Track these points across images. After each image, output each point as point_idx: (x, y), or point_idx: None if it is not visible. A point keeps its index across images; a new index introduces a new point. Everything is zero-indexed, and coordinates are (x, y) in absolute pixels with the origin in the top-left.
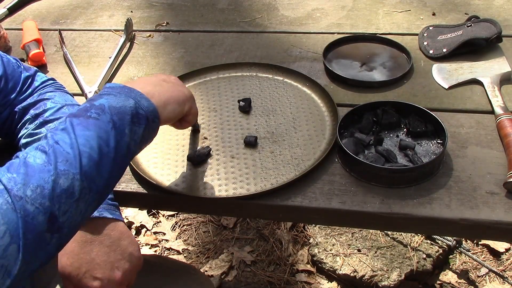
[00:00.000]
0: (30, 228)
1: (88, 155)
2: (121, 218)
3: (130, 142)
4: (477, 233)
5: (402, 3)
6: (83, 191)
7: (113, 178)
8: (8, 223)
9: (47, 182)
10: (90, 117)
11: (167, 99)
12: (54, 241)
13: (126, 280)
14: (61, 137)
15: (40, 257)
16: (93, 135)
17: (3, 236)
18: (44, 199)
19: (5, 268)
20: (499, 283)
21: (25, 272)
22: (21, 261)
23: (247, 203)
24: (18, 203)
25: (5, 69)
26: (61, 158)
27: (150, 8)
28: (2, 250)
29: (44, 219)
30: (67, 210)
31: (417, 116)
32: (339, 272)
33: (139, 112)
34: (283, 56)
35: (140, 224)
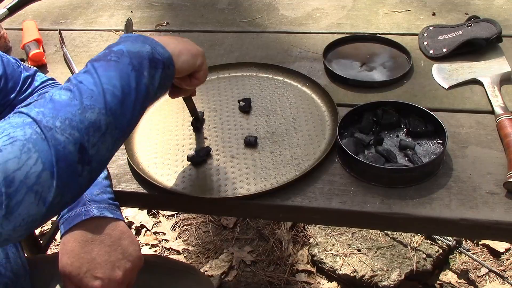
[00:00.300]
0: (62, 156)
1: (112, 93)
2: (121, 218)
3: (149, 85)
4: (477, 233)
5: (402, 3)
6: (109, 126)
7: (134, 117)
8: (39, 151)
9: (74, 115)
10: (110, 60)
11: (180, 49)
12: (85, 173)
13: (127, 280)
14: (84, 78)
15: (72, 188)
16: (115, 75)
17: (35, 163)
18: (73, 130)
19: (40, 194)
20: (499, 283)
21: (59, 204)
22: (55, 189)
23: (247, 203)
24: (48, 133)
25: (5, 69)
26: (86, 95)
27: (150, 8)
28: (36, 176)
29: (74, 149)
30: (95, 143)
31: (417, 116)
32: (339, 272)
33: (156, 56)
34: (283, 56)
35: (140, 224)
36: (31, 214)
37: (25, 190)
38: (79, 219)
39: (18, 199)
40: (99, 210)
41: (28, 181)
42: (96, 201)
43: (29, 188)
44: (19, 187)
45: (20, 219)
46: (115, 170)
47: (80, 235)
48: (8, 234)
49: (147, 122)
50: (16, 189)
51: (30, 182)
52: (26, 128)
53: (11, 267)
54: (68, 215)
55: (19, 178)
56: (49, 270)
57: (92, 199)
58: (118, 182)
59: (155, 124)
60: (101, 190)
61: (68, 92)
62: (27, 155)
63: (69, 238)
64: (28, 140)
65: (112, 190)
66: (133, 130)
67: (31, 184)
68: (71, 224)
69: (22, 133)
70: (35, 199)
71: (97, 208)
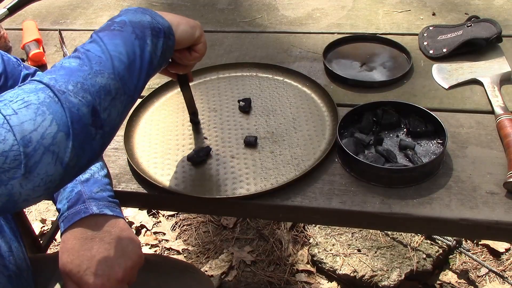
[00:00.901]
0: (76, 118)
1: (119, 59)
2: (121, 215)
3: (152, 53)
4: (477, 233)
5: (402, 3)
6: (118, 91)
7: (140, 84)
8: (53, 113)
9: (86, 79)
10: (114, 29)
11: (178, 20)
12: (98, 137)
13: (127, 278)
14: (91, 46)
15: (87, 151)
16: (120, 43)
17: (50, 124)
18: (86, 93)
19: (57, 154)
20: (499, 283)
21: (76, 167)
22: (71, 150)
23: (247, 203)
24: (62, 96)
25: (5, 67)
26: (94, 61)
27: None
28: (51, 137)
29: (88, 112)
30: (106, 107)
31: (417, 116)
32: (339, 272)
33: (157, 26)
34: (283, 56)
35: (140, 224)
36: (49, 174)
37: (42, 150)
38: (79, 217)
39: (36, 159)
40: (99, 207)
41: (44, 141)
42: (96, 198)
43: (46, 148)
44: (36, 147)
45: (39, 179)
46: (115, 170)
47: (80, 232)
48: (27, 194)
49: (147, 122)
50: (34, 149)
51: (47, 142)
52: (39, 93)
53: (15, 261)
54: (68, 212)
55: (36, 139)
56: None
57: (91, 197)
58: (118, 182)
59: (155, 124)
60: (100, 187)
61: (77, 59)
62: (42, 117)
63: (69, 236)
64: (42, 104)
65: (112, 188)
66: (138, 97)
67: (48, 144)
68: (71, 221)
69: (36, 97)
70: (53, 159)
71: (96, 205)
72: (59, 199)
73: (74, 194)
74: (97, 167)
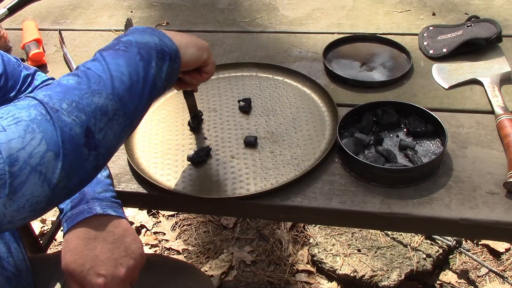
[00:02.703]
0: (68, 138)
1: (120, 79)
2: (124, 216)
3: (156, 76)
4: (477, 233)
5: (402, 3)
6: (116, 112)
7: (141, 107)
8: (44, 132)
9: (82, 98)
10: (119, 49)
11: (187, 42)
12: (91, 158)
13: (130, 277)
14: (92, 65)
15: (79, 172)
16: (123, 63)
17: (39, 143)
18: (80, 113)
19: (44, 175)
20: (499, 283)
21: (65, 188)
22: (60, 171)
23: (247, 203)
24: (54, 115)
25: (5, 67)
26: (93, 80)
27: (150, 8)
28: (40, 156)
29: (81, 132)
30: (102, 128)
31: (417, 116)
32: (339, 272)
33: (163, 48)
34: (283, 56)
35: (140, 224)
36: (35, 195)
37: (28, 170)
38: (82, 217)
39: (22, 179)
40: (102, 207)
41: (32, 161)
42: (99, 199)
43: (33, 168)
44: (23, 167)
45: (24, 200)
46: (115, 170)
47: (83, 232)
48: (11, 215)
49: (147, 122)
50: (20, 168)
51: (34, 162)
52: (31, 109)
53: (14, 262)
54: (71, 212)
55: (23, 157)
56: (49, 269)
57: (94, 197)
58: (118, 182)
59: (155, 124)
60: (103, 188)
61: (75, 77)
62: (31, 135)
63: (72, 236)
64: (33, 121)
65: (114, 189)
66: (140, 122)
67: (35, 164)
68: (74, 221)
69: (27, 114)
70: (39, 180)
71: (99, 205)
72: None
73: (77, 194)
74: None
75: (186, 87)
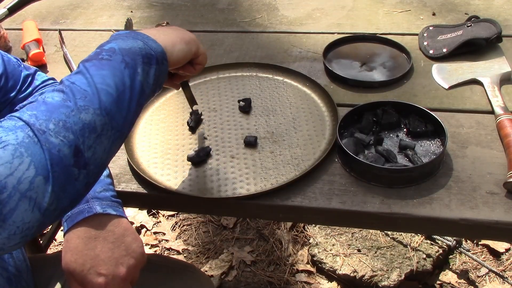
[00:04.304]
0: (56, 160)
1: (106, 92)
2: (124, 215)
3: (144, 82)
4: (477, 233)
5: (402, 3)
6: (104, 127)
7: (130, 116)
8: (32, 155)
9: (68, 117)
10: (102, 59)
11: (173, 39)
12: (81, 177)
13: (130, 276)
14: (77, 78)
15: (69, 193)
16: (108, 74)
17: (28, 168)
18: (68, 132)
19: (34, 201)
20: (499, 283)
21: (56, 210)
22: (50, 194)
23: (247, 203)
24: (42, 136)
25: (5, 67)
26: (79, 95)
27: (150, 8)
28: (29, 182)
29: (69, 152)
30: (91, 145)
31: (417, 116)
32: (339, 272)
33: (149, 52)
34: (283, 56)
35: (140, 224)
36: (26, 221)
37: (18, 196)
38: (82, 216)
39: (12, 206)
40: (102, 207)
41: (21, 186)
42: (99, 198)
43: (22, 194)
44: (12, 193)
45: (14, 227)
46: (115, 170)
47: (84, 232)
48: (2, 243)
49: (147, 122)
50: (8, 195)
51: (23, 188)
52: (18, 131)
53: (14, 262)
54: (71, 212)
55: (12, 184)
56: (49, 269)
57: (95, 196)
58: (118, 182)
59: (155, 124)
60: (103, 187)
61: (61, 93)
62: (20, 160)
63: (72, 235)
64: (20, 144)
65: (114, 188)
66: (130, 131)
67: (25, 190)
68: (74, 221)
69: (14, 137)
70: (30, 206)
71: (100, 205)
72: None
73: None
74: None
75: (182, 79)
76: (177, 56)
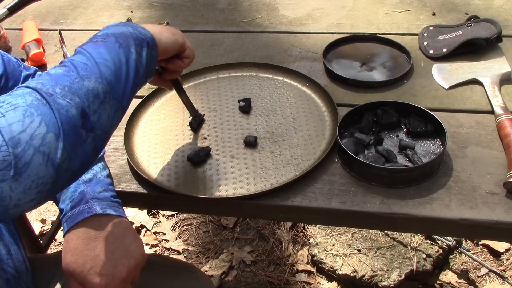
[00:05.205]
0: (66, 119)
1: (105, 65)
2: (124, 215)
3: (138, 62)
4: (477, 233)
5: (402, 3)
6: (106, 95)
7: (128, 91)
8: (42, 115)
9: (73, 83)
10: (97, 41)
11: (160, 29)
12: (89, 140)
13: (130, 277)
14: (76, 57)
15: (79, 155)
16: (104, 51)
17: (39, 125)
18: (74, 96)
19: (48, 155)
20: (499, 283)
21: (68, 171)
22: (62, 151)
23: (247, 203)
24: (50, 98)
25: (5, 67)
26: (80, 67)
27: (150, 8)
28: (41, 137)
29: (77, 113)
30: (96, 110)
31: (417, 116)
32: (339, 272)
33: (139, 36)
34: (283, 56)
35: (140, 224)
36: (41, 176)
37: (32, 151)
38: (82, 217)
39: (27, 160)
40: (102, 207)
41: (34, 142)
42: (99, 198)
43: (36, 149)
44: (26, 148)
45: (30, 181)
46: (115, 170)
47: (83, 232)
48: (18, 198)
49: (147, 122)
50: (23, 150)
51: (37, 143)
52: (27, 96)
53: (14, 264)
54: (71, 212)
55: (25, 139)
56: (49, 269)
57: (94, 197)
58: (118, 182)
59: (155, 124)
60: (103, 188)
61: (62, 67)
62: (30, 119)
63: (72, 236)
64: (30, 106)
65: (114, 188)
66: (128, 107)
67: (38, 145)
68: (74, 221)
69: (23, 100)
70: (44, 160)
71: (99, 205)
72: (61, 199)
73: (77, 194)
74: (99, 167)
75: (172, 76)
76: (165, 43)
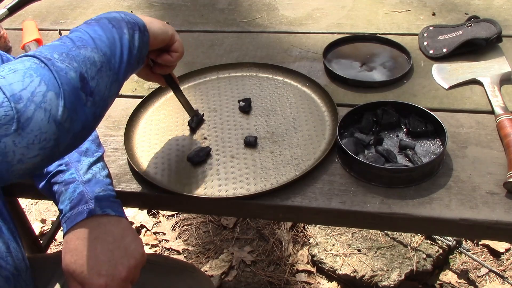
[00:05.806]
0: (65, 80)
1: (99, 39)
2: (124, 215)
3: (131, 42)
4: (477, 233)
5: (402, 3)
6: (103, 64)
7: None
8: (41, 75)
9: (70, 50)
10: (90, 23)
11: (150, 19)
12: (89, 104)
13: (130, 276)
14: (71, 34)
15: (80, 117)
16: (98, 29)
17: (39, 84)
18: (72, 60)
19: (49, 112)
20: (499, 283)
21: (69, 132)
22: (63, 109)
23: (247, 203)
24: (48, 62)
25: None
26: (76, 40)
27: (150, 8)
28: (42, 95)
29: (76, 76)
30: (94, 76)
31: (417, 116)
32: (339, 272)
33: (131, 20)
34: (283, 56)
35: (140, 224)
36: (43, 131)
37: (33, 107)
38: (82, 217)
39: (29, 115)
40: (102, 208)
41: (35, 98)
42: (98, 199)
43: (37, 105)
44: (27, 104)
45: (32, 136)
46: (115, 170)
47: (83, 233)
48: (21, 153)
49: (147, 122)
50: (25, 105)
51: (38, 100)
52: (25, 61)
53: (13, 261)
54: (71, 213)
55: (26, 96)
56: (49, 269)
57: (94, 197)
58: (118, 182)
59: (155, 124)
60: (102, 188)
61: (59, 40)
62: (30, 79)
63: (71, 236)
64: (29, 68)
65: (113, 189)
66: (124, 82)
67: (39, 101)
68: (73, 222)
69: (22, 65)
70: (45, 116)
71: (99, 206)
72: (61, 200)
73: (76, 195)
74: (98, 167)
75: (164, 71)
76: (155, 31)
